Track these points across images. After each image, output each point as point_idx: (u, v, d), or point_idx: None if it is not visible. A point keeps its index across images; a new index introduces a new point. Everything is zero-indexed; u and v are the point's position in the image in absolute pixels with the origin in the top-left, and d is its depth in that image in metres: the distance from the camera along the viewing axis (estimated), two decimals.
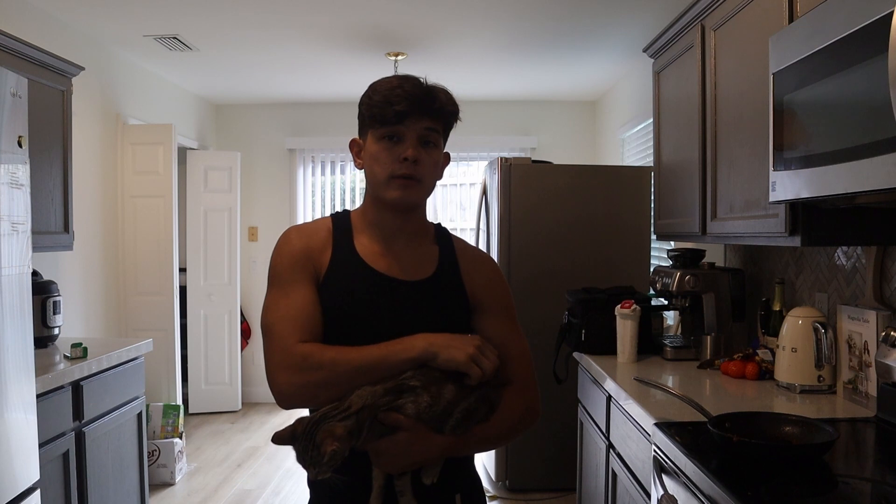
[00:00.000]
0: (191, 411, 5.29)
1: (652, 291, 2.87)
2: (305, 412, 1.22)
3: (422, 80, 1.30)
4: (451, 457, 1.22)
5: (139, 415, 3.08)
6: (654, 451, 1.74)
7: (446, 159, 1.39)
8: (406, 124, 1.26)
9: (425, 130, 1.28)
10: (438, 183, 1.51)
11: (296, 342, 1.20)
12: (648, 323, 2.73)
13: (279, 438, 1.13)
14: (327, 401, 1.16)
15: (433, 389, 1.17)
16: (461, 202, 5.93)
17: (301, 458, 1.12)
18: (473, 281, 1.36)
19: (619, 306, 2.64)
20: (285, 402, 1.20)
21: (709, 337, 2.59)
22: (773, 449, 1.46)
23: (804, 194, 1.54)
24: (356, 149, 1.35)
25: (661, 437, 1.69)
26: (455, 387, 1.18)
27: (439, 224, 1.44)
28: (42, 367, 2.46)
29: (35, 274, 2.77)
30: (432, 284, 1.33)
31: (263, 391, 5.54)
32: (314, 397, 1.19)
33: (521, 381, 1.36)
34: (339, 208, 6.21)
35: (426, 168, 1.29)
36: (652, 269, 3.06)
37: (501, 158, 3.70)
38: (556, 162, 4.20)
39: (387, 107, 1.25)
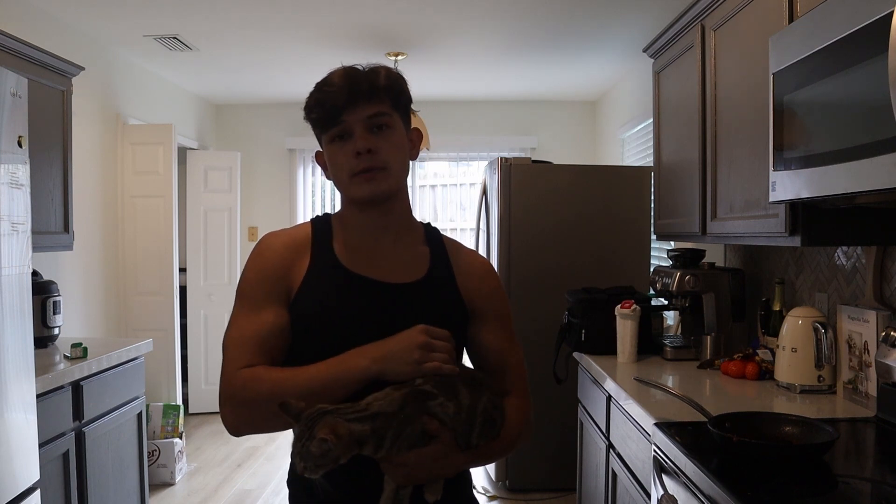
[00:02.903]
0: (191, 411, 5.29)
1: (652, 291, 2.87)
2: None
3: (358, 66, 1.20)
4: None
5: (139, 415, 3.08)
6: (654, 451, 1.74)
7: (417, 136, 1.28)
8: (347, 118, 1.16)
9: (370, 118, 1.17)
10: (438, 183, 1.47)
11: (239, 368, 1.13)
12: (648, 323, 2.73)
13: (285, 406, 1.03)
14: (279, 429, 1.12)
15: (450, 394, 1.09)
16: (461, 202, 5.93)
17: (294, 445, 1.02)
18: (470, 286, 1.27)
19: (619, 306, 2.64)
20: (234, 433, 1.14)
21: (709, 337, 2.59)
22: (773, 449, 1.46)
23: (804, 194, 1.54)
24: (322, 160, 1.26)
25: (661, 437, 1.69)
26: (466, 389, 1.11)
27: (429, 223, 1.35)
28: (42, 367, 2.45)
29: (35, 274, 2.77)
30: (424, 287, 1.23)
31: None
32: (260, 428, 1.15)
33: (520, 392, 1.32)
34: (339, 208, 6.19)
35: (386, 153, 1.18)
36: (652, 269, 3.06)
37: (501, 158, 3.70)
38: (556, 162, 4.20)
39: (322, 108, 1.17)
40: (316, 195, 5.87)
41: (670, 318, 3.40)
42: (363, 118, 1.17)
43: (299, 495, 1.23)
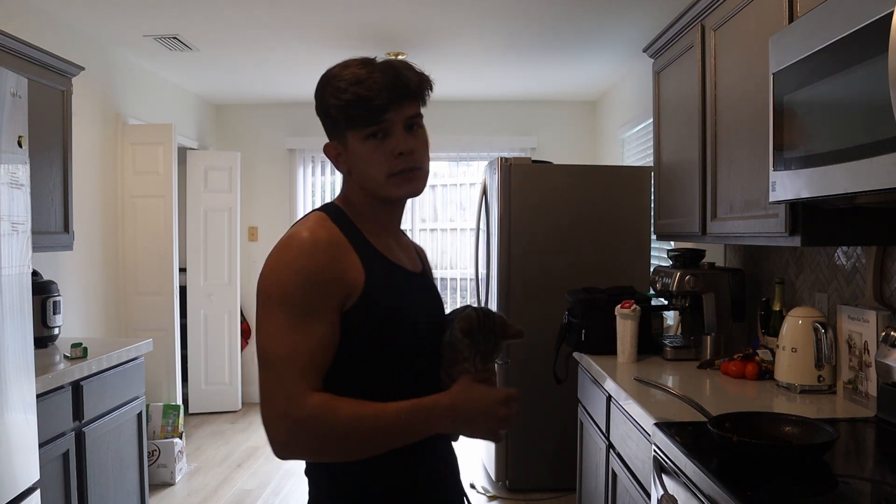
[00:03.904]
0: (191, 411, 5.29)
1: (652, 291, 2.87)
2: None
3: (377, 59, 1.19)
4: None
5: (139, 415, 3.08)
6: (654, 451, 1.74)
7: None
8: (389, 118, 1.15)
9: (409, 118, 1.17)
10: (438, 183, 1.49)
11: (305, 392, 1.06)
12: (648, 323, 2.73)
13: (466, 326, 1.14)
14: (332, 460, 1.13)
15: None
16: (461, 202, 5.93)
17: (475, 352, 1.15)
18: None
19: (619, 306, 2.64)
20: (285, 457, 1.08)
21: (709, 337, 2.59)
22: (773, 449, 1.46)
23: (804, 194, 1.54)
24: (334, 153, 1.22)
25: (661, 437, 1.69)
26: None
27: None
28: (42, 367, 2.45)
29: (35, 274, 2.77)
30: (426, 276, 1.34)
31: None
32: (319, 457, 1.13)
33: None
34: (335, 200, 6.16)
35: (420, 154, 1.19)
36: (652, 269, 3.06)
37: (501, 158, 3.70)
38: (556, 162, 4.20)
39: (365, 105, 1.13)
40: (316, 195, 5.87)
41: (670, 318, 3.40)
42: (404, 118, 1.16)
43: (345, 487, 1.16)
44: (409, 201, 1.33)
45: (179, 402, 4.40)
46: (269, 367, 1.08)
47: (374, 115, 1.14)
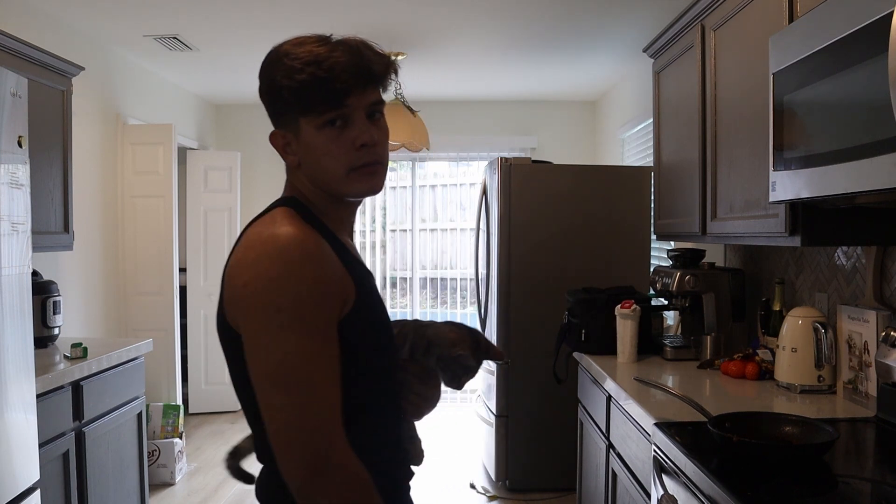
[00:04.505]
0: (191, 411, 5.29)
1: (652, 291, 2.87)
2: None
3: (333, 37, 1.03)
4: None
5: (139, 415, 3.08)
6: (654, 451, 1.74)
7: None
8: (351, 103, 1.01)
9: (372, 105, 1.04)
10: (438, 183, 1.41)
11: (345, 444, 0.94)
12: (648, 323, 2.73)
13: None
14: None
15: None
16: (461, 202, 5.93)
17: (458, 379, 1.17)
18: None
19: (619, 306, 2.64)
20: (302, 499, 0.95)
21: (709, 337, 2.59)
22: (773, 449, 1.46)
23: (804, 194, 1.54)
24: (282, 142, 1.07)
25: (661, 437, 1.69)
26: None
27: None
28: (42, 367, 2.45)
29: (35, 274, 2.77)
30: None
31: None
32: None
33: None
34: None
35: (384, 146, 1.07)
36: (652, 269, 3.06)
37: (501, 158, 3.70)
38: (556, 162, 4.20)
39: (323, 87, 0.98)
40: None
41: (670, 318, 3.40)
42: (366, 105, 1.03)
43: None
44: (403, 201, 1.29)
45: (179, 402, 4.40)
46: (294, 396, 0.93)
47: (334, 99, 0.99)
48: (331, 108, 1.00)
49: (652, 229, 3.47)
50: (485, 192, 4.09)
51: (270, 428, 0.95)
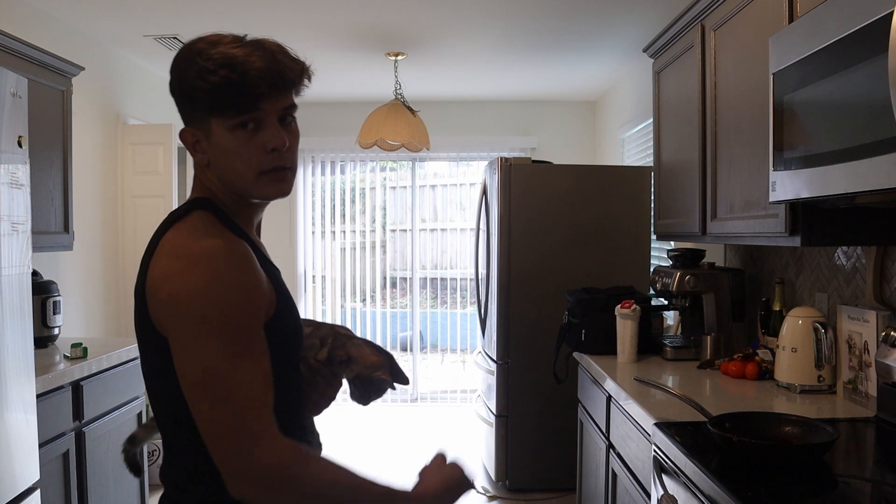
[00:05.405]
0: None
1: (652, 291, 2.87)
2: None
3: (247, 37, 1.04)
4: None
5: (139, 415, 3.08)
6: (654, 451, 1.74)
7: None
8: (264, 107, 1.01)
9: (285, 110, 1.05)
10: (438, 183, 1.41)
11: (276, 434, 0.95)
12: (648, 323, 2.73)
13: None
14: None
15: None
16: (461, 202, 5.93)
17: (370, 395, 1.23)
18: None
19: (619, 306, 2.64)
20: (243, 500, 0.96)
21: (709, 337, 2.59)
22: (773, 449, 1.46)
23: (804, 194, 1.54)
24: (192, 140, 1.07)
25: (661, 437, 1.69)
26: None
27: None
28: (42, 367, 2.45)
29: (35, 274, 2.77)
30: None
31: None
32: None
33: None
34: (339, 209, 6.25)
35: (294, 151, 1.08)
36: (652, 269, 3.06)
37: (501, 158, 3.70)
38: (556, 162, 4.20)
39: (237, 90, 0.99)
40: (316, 195, 5.87)
41: (670, 318, 3.40)
42: (279, 109, 1.04)
43: None
44: (403, 201, 1.31)
45: None
46: (220, 402, 0.94)
47: (248, 103, 1.00)
48: (244, 111, 1.01)
49: (652, 229, 3.47)
50: (485, 192, 4.09)
51: (205, 437, 0.96)
